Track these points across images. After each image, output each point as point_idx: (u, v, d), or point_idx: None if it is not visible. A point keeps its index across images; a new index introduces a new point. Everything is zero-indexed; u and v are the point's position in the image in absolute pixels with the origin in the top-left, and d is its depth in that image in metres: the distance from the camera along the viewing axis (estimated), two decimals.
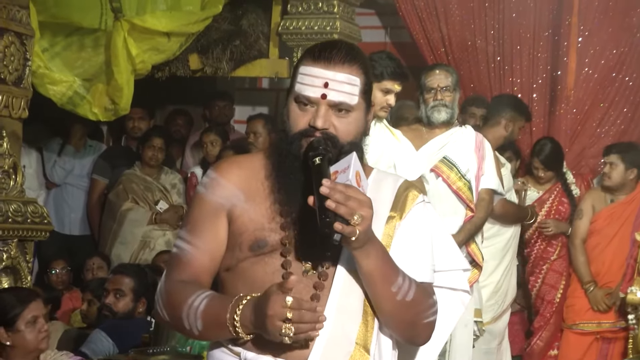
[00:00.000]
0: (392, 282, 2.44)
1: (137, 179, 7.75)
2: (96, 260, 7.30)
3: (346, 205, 2.30)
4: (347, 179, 2.36)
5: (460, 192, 5.78)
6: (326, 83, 2.50)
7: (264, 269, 2.52)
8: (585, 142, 7.74)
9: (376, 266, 2.43)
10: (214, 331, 2.48)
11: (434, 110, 5.78)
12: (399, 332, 2.54)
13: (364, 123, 2.58)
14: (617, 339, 7.05)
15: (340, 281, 2.50)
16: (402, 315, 2.49)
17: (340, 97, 2.50)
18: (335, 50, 2.55)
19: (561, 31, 7.72)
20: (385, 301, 2.46)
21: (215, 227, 2.57)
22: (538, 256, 7.31)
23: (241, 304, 2.40)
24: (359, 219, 2.32)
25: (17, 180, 5.18)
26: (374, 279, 2.44)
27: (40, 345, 4.52)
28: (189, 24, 6.95)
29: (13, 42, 5.17)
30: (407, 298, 2.46)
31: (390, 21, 8.60)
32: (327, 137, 2.49)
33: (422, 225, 2.59)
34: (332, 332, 2.48)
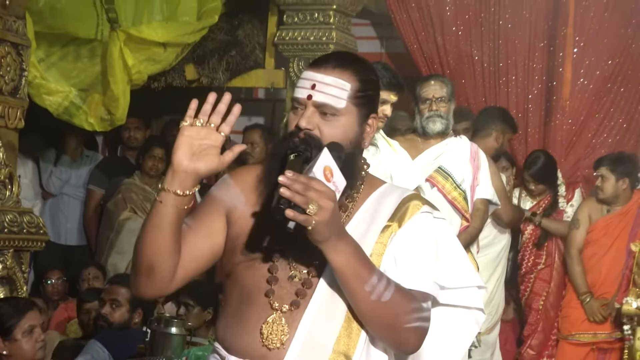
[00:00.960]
0: (365, 281, 2.43)
1: (136, 188, 7.76)
2: (92, 271, 7.29)
3: (305, 195, 2.31)
4: (312, 171, 2.37)
5: (456, 202, 5.78)
6: (314, 85, 2.53)
7: (252, 274, 2.55)
8: (581, 153, 7.75)
9: (346, 263, 2.42)
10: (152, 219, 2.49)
11: (429, 121, 5.79)
12: (381, 336, 2.52)
13: (356, 131, 2.57)
14: (612, 350, 7.05)
15: (323, 288, 2.51)
16: (378, 317, 2.47)
17: (324, 99, 2.52)
18: (332, 56, 2.60)
19: (556, 42, 7.74)
20: (359, 300, 2.45)
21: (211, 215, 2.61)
22: (529, 265, 7.33)
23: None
24: (314, 208, 2.32)
25: (13, 191, 5.18)
26: (345, 276, 2.43)
27: (37, 355, 4.53)
28: (185, 35, 6.97)
29: (9, 53, 5.18)
30: (382, 299, 2.44)
31: (386, 32, 8.61)
32: (309, 137, 2.50)
33: (421, 234, 2.57)
34: (308, 338, 2.49)
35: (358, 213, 2.59)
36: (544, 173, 7.26)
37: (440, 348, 2.65)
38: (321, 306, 2.50)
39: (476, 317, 2.68)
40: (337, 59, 2.58)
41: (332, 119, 2.53)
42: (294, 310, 2.50)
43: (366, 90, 2.57)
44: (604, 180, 7.04)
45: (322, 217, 2.34)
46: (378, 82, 2.66)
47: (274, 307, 2.51)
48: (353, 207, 2.60)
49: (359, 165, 2.61)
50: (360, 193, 2.62)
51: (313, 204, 2.32)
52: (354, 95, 2.55)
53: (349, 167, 2.53)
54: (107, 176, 8.09)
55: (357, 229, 2.56)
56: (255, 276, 2.54)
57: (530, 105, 7.82)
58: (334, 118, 2.53)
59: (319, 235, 2.37)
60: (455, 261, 2.63)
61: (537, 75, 7.81)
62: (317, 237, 2.37)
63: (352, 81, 2.55)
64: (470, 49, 7.91)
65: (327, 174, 2.40)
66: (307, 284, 2.52)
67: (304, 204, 2.32)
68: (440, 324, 2.65)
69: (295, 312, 2.50)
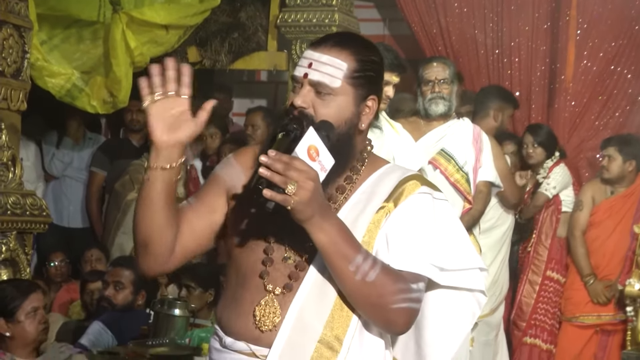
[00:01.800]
0: (349, 261, 2.42)
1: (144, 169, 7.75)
2: (95, 252, 7.31)
3: (285, 175, 2.32)
4: (294, 151, 2.37)
5: (458, 184, 5.78)
6: (310, 63, 2.53)
7: (248, 255, 2.56)
8: (584, 135, 7.74)
9: (330, 242, 2.42)
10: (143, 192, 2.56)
11: (431, 103, 5.78)
12: (368, 316, 2.51)
13: (352, 111, 2.55)
14: (616, 332, 7.05)
15: (315, 272, 2.51)
16: (363, 296, 2.46)
17: (319, 77, 2.52)
18: (332, 36, 2.60)
19: (560, 24, 7.72)
20: (344, 280, 2.45)
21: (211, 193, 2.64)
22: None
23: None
24: (293, 188, 2.32)
25: (15, 173, 5.18)
26: (329, 255, 2.43)
27: (40, 336, 4.54)
28: (187, 17, 6.95)
29: (11, 35, 5.17)
30: (367, 278, 2.43)
31: (389, 13, 8.59)
32: (302, 115, 2.50)
33: (416, 214, 2.55)
34: (298, 321, 2.49)
35: (355, 194, 2.58)
36: (547, 137, 7.18)
37: (442, 330, 2.64)
38: (312, 289, 2.51)
39: (478, 299, 2.66)
40: (336, 39, 2.58)
41: (327, 98, 2.53)
42: (286, 293, 2.51)
43: (365, 70, 2.56)
44: (610, 160, 7.02)
45: (302, 197, 2.34)
46: (381, 64, 2.64)
47: (268, 289, 2.51)
48: (352, 189, 2.59)
49: (355, 146, 2.59)
50: (360, 174, 2.60)
51: (292, 184, 2.32)
52: (350, 75, 2.54)
53: (341, 146, 2.52)
54: (109, 158, 8.09)
55: (353, 210, 2.55)
56: (251, 258, 2.55)
57: (533, 87, 7.81)
58: (329, 97, 2.53)
59: (300, 214, 2.37)
60: (456, 243, 2.61)
61: (540, 58, 7.79)
62: (299, 216, 2.37)
63: (350, 61, 2.54)
64: (474, 31, 7.89)
65: (312, 153, 2.40)
66: (300, 267, 2.52)
67: (282, 184, 2.32)
68: (442, 306, 2.64)
69: (288, 295, 2.51)
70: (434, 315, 2.61)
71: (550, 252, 7.20)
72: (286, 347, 2.49)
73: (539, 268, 7.19)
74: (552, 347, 7.18)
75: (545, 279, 7.19)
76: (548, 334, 7.18)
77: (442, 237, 2.57)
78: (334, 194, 2.57)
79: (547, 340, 7.18)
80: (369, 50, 2.61)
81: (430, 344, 2.65)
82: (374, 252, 2.52)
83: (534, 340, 7.18)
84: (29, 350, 4.52)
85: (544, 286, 7.19)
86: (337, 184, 2.56)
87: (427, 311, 2.63)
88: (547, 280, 7.20)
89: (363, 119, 2.58)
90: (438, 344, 2.65)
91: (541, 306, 7.19)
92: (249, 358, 2.54)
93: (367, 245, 2.51)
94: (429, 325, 2.62)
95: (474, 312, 2.67)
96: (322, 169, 2.42)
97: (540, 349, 7.17)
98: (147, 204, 2.53)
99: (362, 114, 2.58)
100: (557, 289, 7.20)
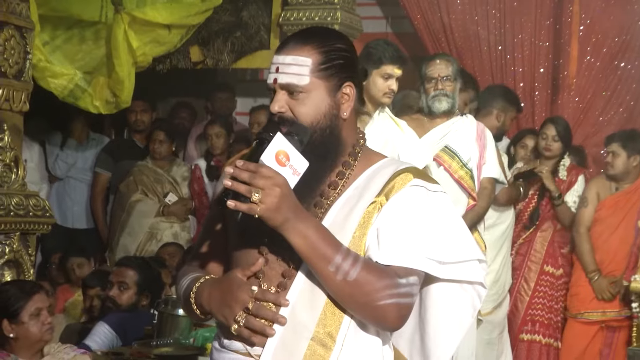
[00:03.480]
0: (329, 261, 2.42)
1: (148, 170, 7.79)
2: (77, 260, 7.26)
3: (252, 184, 2.34)
4: (260, 159, 2.39)
5: (462, 181, 5.78)
6: (277, 67, 2.54)
7: (245, 256, 2.57)
8: (588, 131, 7.73)
9: (307, 244, 2.42)
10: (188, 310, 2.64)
11: (434, 100, 5.78)
12: (356, 313, 2.50)
13: (328, 103, 2.54)
14: (621, 328, 7.04)
15: (305, 270, 2.50)
16: (348, 296, 2.45)
17: (286, 79, 2.52)
18: (292, 36, 2.60)
19: (563, 19, 7.71)
20: (326, 280, 2.45)
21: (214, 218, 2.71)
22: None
23: (198, 283, 2.58)
24: (258, 196, 2.34)
25: (18, 174, 5.18)
26: (307, 257, 2.43)
27: (44, 337, 4.53)
28: (189, 16, 6.94)
29: (13, 36, 5.16)
30: (348, 278, 2.43)
31: (392, 11, 8.58)
32: (282, 120, 2.51)
33: (407, 207, 2.52)
34: (290, 319, 2.49)
35: (348, 190, 2.56)
36: (567, 131, 7.18)
37: (443, 323, 2.63)
38: (304, 288, 2.50)
39: (478, 291, 2.64)
40: (296, 37, 2.58)
41: (301, 96, 2.52)
42: (280, 292, 2.51)
43: (331, 60, 2.54)
44: (615, 156, 7.01)
45: (269, 204, 2.35)
46: (350, 50, 2.61)
47: (263, 288, 2.51)
48: (345, 184, 2.57)
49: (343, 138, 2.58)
50: (353, 169, 2.59)
51: (257, 192, 2.34)
52: (316, 68, 2.53)
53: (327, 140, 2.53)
54: (114, 159, 8.09)
55: (345, 206, 2.54)
56: (247, 259, 2.56)
57: (536, 83, 7.80)
58: (303, 96, 2.52)
59: (270, 221, 2.39)
60: (453, 235, 2.58)
61: (543, 54, 7.79)
62: (270, 222, 2.39)
63: (313, 54, 2.53)
64: (477, 28, 7.88)
65: (282, 158, 2.41)
66: (294, 265, 2.52)
67: (247, 193, 2.34)
68: (443, 299, 2.62)
69: (282, 294, 2.50)
70: (435, 308, 2.60)
71: (548, 247, 7.19)
72: (279, 346, 2.49)
73: (536, 265, 7.18)
74: (552, 340, 7.16)
75: (542, 273, 7.18)
76: (546, 328, 7.17)
77: (439, 229, 2.54)
78: (326, 190, 2.55)
79: (545, 334, 7.17)
80: (333, 39, 2.59)
81: (432, 337, 2.64)
82: (365, 248, 2.51)
83: (531, 336, 7.17)
84: (33, 351, 4.51)
85: (540, 281, 7.19)
86: (330, 180, 2.55)
87: (429, 305, 2.62)
88: (543, 275, 7.19)
89: (343, 108, 2.56)
90: (440, 337, 2.64)
91: (537, 301, 7.18)
92: (245, 358, 2.54)
93: (358, 241, 2.51)
94: (430, 319, 2.61)
95: (474, 304, 2.65)
96: (295, 173, 2.43)
97: (540, 343, 7.16)
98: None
99: (341, 103, 2.56)
100: (552, 282, 7.19)
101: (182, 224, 7.68)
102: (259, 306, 2.46)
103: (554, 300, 7.20)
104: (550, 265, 7.20)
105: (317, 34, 2.60)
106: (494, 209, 6.48)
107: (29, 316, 4.47)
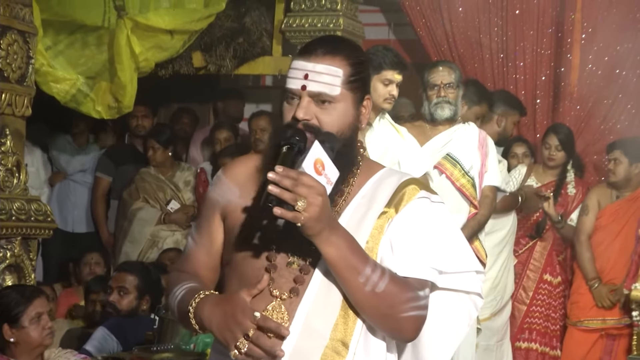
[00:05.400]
0: (359, 273, 2.44)
1: (150, 177, 7.78)
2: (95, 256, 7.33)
3: (294, 192, 2.32)
4: (301, 166, 2.37)
5: (464, 189, 5.78)
6: (306, 74, 2.53)
7: (251, 264, 2.56)
8: (589, 139, 7.73)
9: (340, 255, 2.43)
10: (184, 321, 2.59)
11: (437, 107, 5.78)
12: (377, 325, 2.53)
13: (352, 115, 2.57)
14: (621, 336, 7.04)
15: (320, 275, 2.51)
16: (373, 307, 2.48)
17: (319, 88, 2.52)
18: (319, 43, 2.59)
19: (565, 28, 7.72)
20: (354, 291, 2.46)
21: (211, 224, 2.68)
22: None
23: (198, 298, 2.52)
24: (303, 205, 2.33)
25: (20, 179, 5.18)
26: (338, 268, 2.44)
27: (45, 342, 4.53)
28: (192, 22, 6.95)
29: (16, 40, 5.17)
30: (377, 289, 2.45)
31: (394, 18, 8.59)
32: (308, 128, 2.51)
33: (418, 220, 2.56)
34: (305, 325, 2.49)
35: (355, 198, 2.59)
36: (570, 139, 7.19)
37: (439, 332, 2.65)
38: (318, 293, 2.51)
39: (475, 301, 2.68)
40: (326, 46, 2.57)
41: (328, 106, 2.53)
42: (293, 298, 2.51)
43: (358, 73, 2.58)
44: (617, 163, 7.01)
45: (312, 213, 2.35)
46: (368, 63, 2.67)
47: (274, 294, 2.51)
48: (350, 192, 2.60)
49: (355, 150, 2.62)
50: (357, 177, 2.62)
51: (302, 200, 2.33)
52: (346, 80, 2.55)
53: (347, 151, 2.55)
54: (115, 164, 8.10)
55: (354, 215, 2.56)
56: (254, 265, 2.55)
57: (538, 91, 7.81)
58: (330, 105, 2.54)
59: (310, 230, 2.38)
60: (453, 245, 2.62)
61: (545, 62, 7.80)
62: (308, 232, 2.39)
63: (344, 66, 2.55)
64: (479, 35, 7.89)
65: (318, 166, 2.41)
66: (305, 270, 2.52)
67: (292, 201, 2.33)
68: (439, 308, 2.64)
69: (295, 300, 2.50)
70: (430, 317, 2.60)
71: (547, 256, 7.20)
72: (294, 353, 2.48)
73: (535, 273, 7.18)
74: (548, 349, 7.16)
75: (541, 282, 7.19)
76: (542, 336, 7.17)
77: (440, 240, 2.59)
78: (334, 197, 2.57)
79: (542, 342, 7.16)
80: (358, 52, 2.63)
81: (427, 346, 2.66)
82: (378, 259, 2.53)
83: (528, 344, 7.17)
84: (33, 356, 4.52)
85: (538, 289, 7.19)
86: (336, 189, 2.56)
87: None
88: (542, 283, 7.20)
89: (362, 120, 2.61)
90: (435, 346, 2.66)
91: (535, 309, 7.18)
92: None
93: (370, 252, 2.53)
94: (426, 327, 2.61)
95: (470, 314, 2.68)
96: (328, 182, 2.43)
97: (536, 352, 7.16)
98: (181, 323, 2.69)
99: (361, 115, 2.61)
100: (550, 290, 7.20)
101: (184, 231, 7.68)
102: (259, 335, 2.42)
103: (552, 309, 7.20)
104: (548, 274, 7.21)
105: (345, 44, 2.62)
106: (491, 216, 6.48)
107: (29, 320, 4.47)
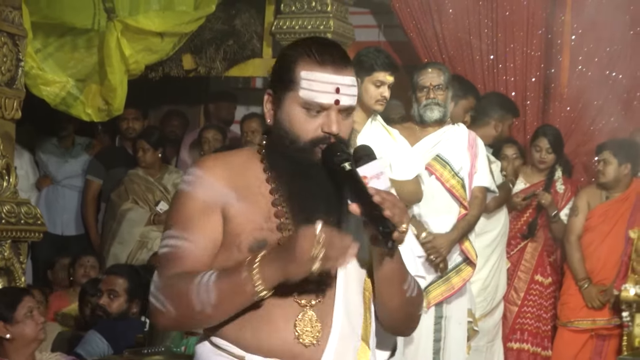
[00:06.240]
0: (404, 281, 2.52)
1: (138, 179, 7.77)
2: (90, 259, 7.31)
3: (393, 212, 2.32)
4: (385, 186, 2.38)
5: (454, 190, 5.78)
6: (338, 88, 2.46)
7: None
8: (579, 140, 7.75)
9: (397, 268, 2.49)
10: (229, 299, 2.37)
11: (426, 109, 5.79)
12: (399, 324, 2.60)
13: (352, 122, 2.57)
14: (611, 336, 7.04)
15: (342, 279, 2.49)
16: (406, 310, 2.56)
17: (350, 101, 2.49)
18: (335, 52, 2.50)
19: (554, 29, 7.73)
20: (396, 298, 2.52)
21: (209, 224, 2.48)
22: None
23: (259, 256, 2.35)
24: (406, 227, 2.34)
25: (10, 182, 5.18)
26: (397, 279, 2.50)
27: (39, 337, 4.58)
28: (182, 24, 6.95)
29: (5, 43, 5.17)
30: (413, 294, 2.54)
31: (384, 19, 8.59)
32: (341, 141, 2.47)
33: None
34: (343, 329, 2.47)
35: None
36: (559, 141, 7.20)
37: None
38: (345, 295, 2.50)
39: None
40: (339, 56, 2.50)
41: (347, 117, 2.51)
42: (322, 302, 2.46)
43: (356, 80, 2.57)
44: (606, 164, 7.02)
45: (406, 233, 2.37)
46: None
47: (302, 303, 2.45)
48: None
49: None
50: None
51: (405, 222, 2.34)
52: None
53: None
54: (105, 166, 8.09)
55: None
56: None
57: (528, 92, 7.82)
58: (348, 116, 2.52)
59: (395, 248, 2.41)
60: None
61: (535, 63, 7.80)
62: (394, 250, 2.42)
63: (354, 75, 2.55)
64: (469, 37, 7.90)
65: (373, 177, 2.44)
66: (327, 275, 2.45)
67: (400, 224, 2.32)
68: None
69: (323, 304, 2.46)
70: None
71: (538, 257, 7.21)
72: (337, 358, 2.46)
73: (526, 274, 7.19)
74: (540, 349, 7.17)
75: (532, 282, 7.20)
76: (534, 337, 7.18)
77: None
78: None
79: (534, 343, 7.18)
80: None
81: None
82: None
83: (520, 344, 7.18)
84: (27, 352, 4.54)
85: (530, 290, 7.20)
86: None
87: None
88: (533, 284, 7.21)
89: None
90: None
91: (527, 310, 7.19)
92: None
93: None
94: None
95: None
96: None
97: (528, 352, 7.18)
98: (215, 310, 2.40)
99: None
100: (541, 291, 7.21)
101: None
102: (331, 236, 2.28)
103: (543, 310, 7.21)
104: (539, 275, 7.22)
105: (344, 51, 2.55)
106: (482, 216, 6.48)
107: (23, 315, 4.52)
